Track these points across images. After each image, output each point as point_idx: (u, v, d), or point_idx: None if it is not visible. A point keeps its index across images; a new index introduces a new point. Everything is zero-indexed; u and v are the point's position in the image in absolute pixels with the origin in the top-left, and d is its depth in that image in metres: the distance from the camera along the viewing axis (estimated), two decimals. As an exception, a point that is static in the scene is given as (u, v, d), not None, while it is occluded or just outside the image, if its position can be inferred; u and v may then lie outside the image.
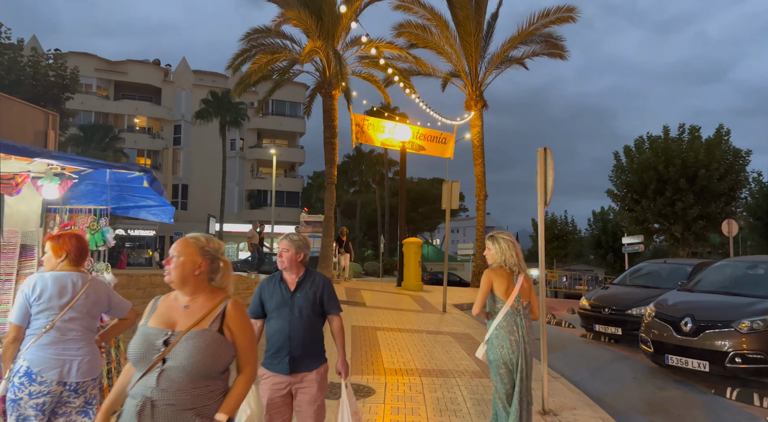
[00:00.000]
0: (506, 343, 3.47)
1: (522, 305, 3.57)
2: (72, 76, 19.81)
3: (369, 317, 9.86)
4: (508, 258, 3.58)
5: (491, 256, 3.66)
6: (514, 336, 3.48)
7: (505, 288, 3.54)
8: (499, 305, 3.53)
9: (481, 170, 18.33)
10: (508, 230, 21.09)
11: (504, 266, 3.59)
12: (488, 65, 18.56)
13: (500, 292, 3.53)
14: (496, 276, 3.56)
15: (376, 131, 15.75)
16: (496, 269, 3.60)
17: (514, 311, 3.54)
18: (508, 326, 3.49)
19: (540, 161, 5.37)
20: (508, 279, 3.56)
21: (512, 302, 3.51)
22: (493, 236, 3.69)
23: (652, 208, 26.34)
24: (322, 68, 15.09)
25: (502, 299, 3.53)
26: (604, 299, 9.31)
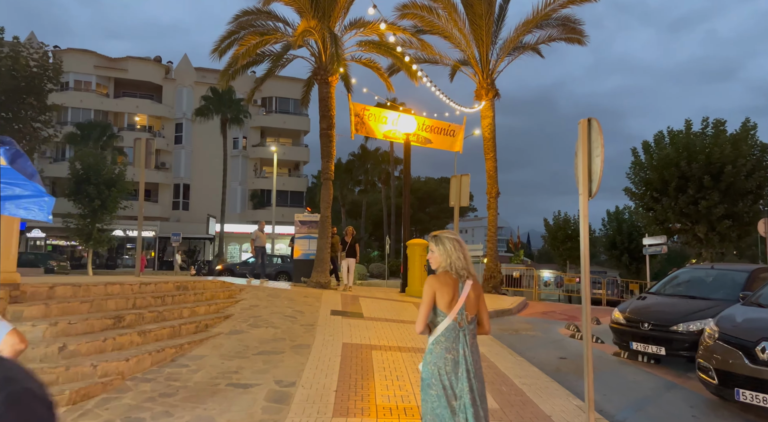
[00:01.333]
0: (441, 362, 2.97)
1: (467, 319, 3.04)
2: (55, 67, 18.61)
3: (365, 331, 8.49)
4: (454, 261, 3.10)
5: (435, 259, 3.17)
6: (451, 355, 2.98)
7: (450, 299, 3.02)
8: (440, 319, 3.03)
9: (492, 165, 16.89)
10: (519, 231, 19.07)
11: (450, 271, 3.10)
12: (500, 52, 17.11)
13: (443, 303, 3.02)
14: (440, 284, 3.04)
15: (378, 122, 14.37)
16: (440, 275, 3.11)
17: (456, 327, 3.01)
18: (446, 342, 2.99)
19: (582, 137, 3.98)
20: (453, 288, 3.05)
21: (454, 315, 3.00)
22: (436, 237, 3.21)
23: (673, 207, 24.83)
24: (318, 53, 13.74)
25: (443, 312, 3.02)
26: (642, 312, 7.88)
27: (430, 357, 3.01)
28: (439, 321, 3.02)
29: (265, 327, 8.31)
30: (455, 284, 3.06)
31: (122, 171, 32.14)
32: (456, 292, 3.05)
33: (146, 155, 10.26)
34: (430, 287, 3.04)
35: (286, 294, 11.44)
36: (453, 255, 3.10)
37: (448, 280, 3.06)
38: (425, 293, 3.05)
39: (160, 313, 7.40)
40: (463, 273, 3.10)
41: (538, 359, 8.02)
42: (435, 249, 3.18)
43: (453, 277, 3.08)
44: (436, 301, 3.02)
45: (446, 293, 3.02)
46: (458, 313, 3.01)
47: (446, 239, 3.17)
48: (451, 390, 2.94)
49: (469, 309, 3.06)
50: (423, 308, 3.03)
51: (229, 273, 26.67)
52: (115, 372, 5.42)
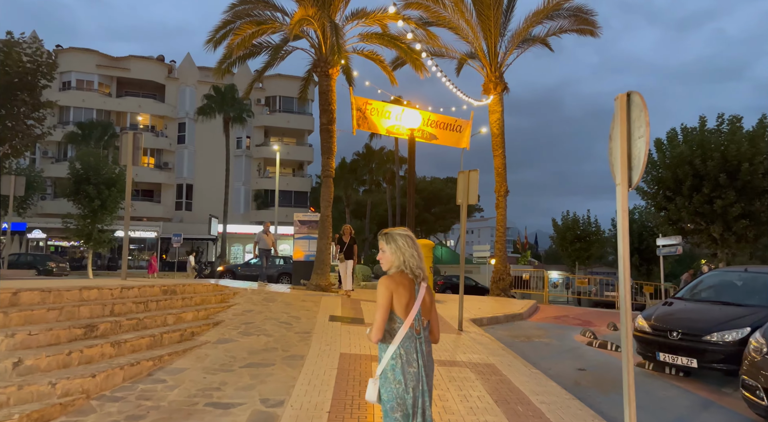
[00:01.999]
0: (403, 378, 2.66)
1: (422, 324, 2.77)
2: (48, 63, 18.05)
3: (364, 340, 7.81)
4: (408, 259, 2.78)
5: (387, 259, 2.83)
6: (413, 368, 2.68)
7: (406, 301, 2.71)
8: (397, 326, 2.70)
9: (501, 162, 16.17)
10: (526, 231, 17.82)
11: (406, 271, 2.77)
12: (509, 44, 16.40)
13: (399, 307, 2.70)
14: (396, 285, 2.72)
15: (381, 116, 13.68)
16: (395, 275, 2.76)
17: (413, 334, 2.72)
18: (407, 354, 2.68)
19: (620, 116, 3.30)
20: (409, 289, 2.74)
21: (411, 321, 2.69)
22: (387, 234, 2.86)
23: (687, 206, 24.00)
24: (318, 44, 13.08)
25: (400, 318, 2.69)
26: (670, 319, 7.17)
27: (392, 373, 2.65)
28: (396, 327, 2.68)
29: (256, 335, 7.66)
30: (411, 286, 2.74)
31: (122, 171, 31.64)
32: (412, 294, 2.73)
33: (134, 150, 9.64)
34: (386, 288, 2.69)
35: (283, 298, 10.79)
36: (406, 253, 2.78)
37: (404, 281, 2.74)
38: (381, 295, 2.68)
39: (140, 320, 6.76)
40: (419, 273, 2.79)
41: (555, 370, 7.33)
42: (386, 248, 2.82)
43: (409, 277, 2.76)
44: (392, 305, 2.68)
45: (403, 295, 2.69)
46: (415, 318, 2.70)
47: (397, 235, 2.83)
48: (410, 409, 2.64)
49: (424, 314, 2.77)
50: (380, 312, 2.66)
51: (230, 275, 26.10)
52: (79, 390, 4.77)
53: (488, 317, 11.25)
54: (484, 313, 11.82)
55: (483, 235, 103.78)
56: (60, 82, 44.05)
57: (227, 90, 37.97)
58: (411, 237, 2.85)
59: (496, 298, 15.80)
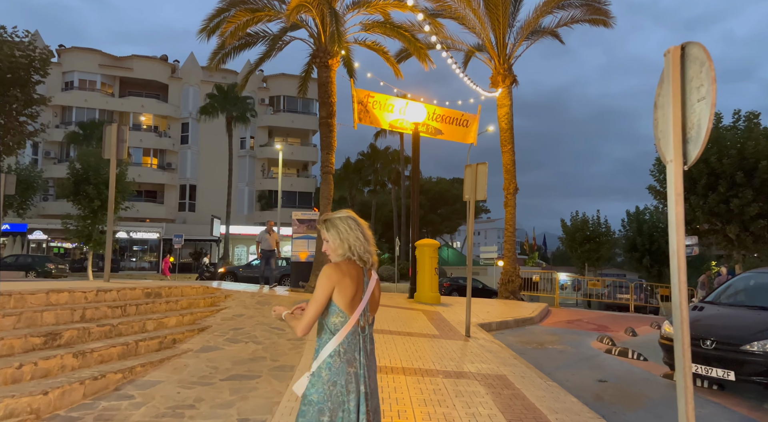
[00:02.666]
0: (341, 379, 2.28)
1: (368, 320, 2.42)
2: (42, 58, 17.50)
3: (364, 347, 7.13)
4: (353, 244, 2.39)
5: (330, 249, 2.44)
6: (353, 368, 2.31)
7: (352, 295, 2.32)
8: (338, 320, 2.31)
9: (510, 159, 15.45)
10: (534, 232, 16.88)
11: (353, 258, 2.38)
12: (518, 35, 15.70)
13: (344, 301, 2.31)
14: (341, 275, 2.32)
15: (383, 110, 13.02)
16: (341, 264, 2.37)
17: (357, 331, 2.35)
18: (348, 353, 2.31)
19: (671, 75, 2.61)
20: (357, 281, 2.36)
21: (357, 316, 2.33)
22: (327, 220, 2.47)
23: (702, 206, 23.26)
24: (317, 33, 12.44)
25: (345, 313, 2.31)
26: (701, 326, 6.45)
27: (327, 372, 2.29)
28: (338, 322, 2.32)
29: (244, 342, 7.00)
30: (360, 276, 2.39)
31: (123, 171, 31.13)
32: (360, 286, 2.38)
33: (118, 143, 9.02)
34: (327, 279, 2.32)
35: (278, 301, 10.13)
36: (350, 237, 2.41)
37: (352, 270, 2.38)
38: (320, 286, 2.31)
39: (114, 327, 6.12)
40: (367, 258, 2.43)
41: (573, 382, 6.62)
42: (327, 236, 2.46)
43: (357, 266, 2.40)
44: (333, 297, 2.32)
45: (349, 287, 2.33)
46: (361, 314, 2.38)
47: (337, 220, 2.47)
48: (345, 416, 2.29)
49: (372, 308, 2.46)
50: (314, 307, 2.30)
51: (232, 277, 25.50)
52: (26, 410, 4.12)
53: (497, 321, 10.55)
54: (493, 317, 11.12)
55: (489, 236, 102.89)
56: (62, 82, 43.76)
57: (230, 89, 37.44)
58: (353, 219, 2.47)
59: (504, 301, 15.07)
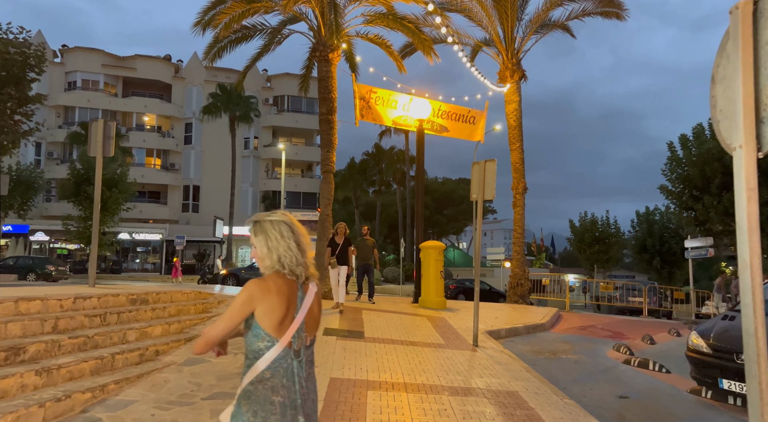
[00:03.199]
0: (265, 410, 1.91)
1: (305, 341, 2.01)
2: (37, 55, 17.07)
3: (363, 359, 6.60)
4: (283, 254, 2.01)
5: (256, 256, 2.07)
6: (280, 397, 1.93)
7: (282, 315, 1.94)
8: (264, 345, 1.93)
9: (518, 157, 14.87)
10: (542, 232, 15.68)
11: (282, 271, 2.00)
12: (526, 28, 15.13)
13: (271, 323, 1.93)
14: (267, 293, 1.94)
15: (386, 106, 12.48)
16: (268, 279, 1.99)
17: (289, 354, 1.97)
18: (273, 378, 1.93)
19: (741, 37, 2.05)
20: (288, 299, 1.97)
21: (288, 339, 1.95)
22: (256, 222, 2.09)
23: (716, 206, 22.54)
24: (317, 26, 11.93)
25: (272, 337, 1.93)
26: (734, 338, 5.85)
27: (246, 402, 1.94)
28: (263, 348, 1.96)
29: (233, 354, 6.45)
30: (292, 293, 2.03)
31: (124, 171, 30.81)
32: (293, 304, 2.02)
33: (104, 140, 8.52)
34: (248, 297, 1.95)
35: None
36: (280, 246, 2.05)
37: (282, 286, 2.01)
38: (237, 304, 1.94)
39: (89, 339, 5.60)
40: (300, 272, 2.06)
41: (591, 399, 6.06)
42: (254, 241, 2.11)
43: (288, 280, 2.03)
44: (257, 318, 1.96)
45: (277, 306, 1.97)
46: (294, 336, 2.00)
47: (267, 223, 2.10)
48: None
49: (309, 328, 2.07)
50: (222, 324, 1.95)
51: (234, 279, 25.06)
52: (-29, 439, 3.60)
53: (506, 328, 9.98)
54: (502, 323, 10.55)
55: (496, 237, 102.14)
56: (65, 82, 43.52)
57: (233, 89, 37.00)
58: (288, 224, 2.07)
59: (513, 305, 14.49)
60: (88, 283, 8.34)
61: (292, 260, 2.02)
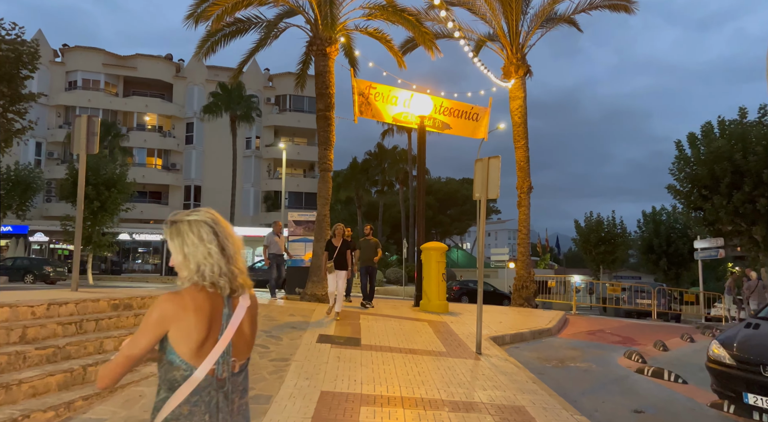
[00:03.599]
0: None
1: (232, 368, 1.65)
2: (30, 52, 16.71)
3: (358, 370, 6.15)
4: (202, 263, 1.63)
5: (175, 263, 1.69)
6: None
7: (201, 338, 1.59)
8: (179, 374, 1.58)
9: (523, 155, 14.40)
10: (547, 233, 14.88)
11: (202, 283, 1.63)
12: (531, 22, 14.66)
13: (187, 347, 1.58)
14: (183, 311, 1.58)
15: (386, 102, 12.04)
16: (185, 293, 1.62)
17: (213, 383, 1.60)
18: (193, 416, 1.58)
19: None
20: (209, 317, 1.61)
21: (210, 366, 1.59)
22: (172, 223, 1.70)
23: (725, 206, 22.00)
24: (314, 19, 11.51)
25: (188, 363, 1.58)
26: (761, 348, 5.39)
27: None
28: (179, 377, 1.58)
29: (219, 364, 6.02)
30: (215, 308, 1.63)
31: (123, 171, 30.46)
32: (216, 323, 1.62)
33: (89, 136, 8.11)
34: (160, 316, 1.57)
35: (268, 311, 9.17)
36: (198, 252, 1.64)
37: (201, 302, 1.61)
38: (145, 327, 1.58)
39: (60, 349, 5.18)
40: (224, 283, 1.64)
41: (604, 413, 5.60)
42: (169, 246, 1.69)
43: (210, 293, 1.63)
44: (171, 341, 1.58)
45: (194, 327, 1.58)
46: (218, 362, 1.60)
47: (184, 223, 1.68)
48: None
49: (238, 351, 1.67)
50: (128, 351, 1.58)
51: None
52: None
53: (511, 333, 9.52)
54: (507, 328, 10.09)
55: (500, 238, 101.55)
56: (66, 81, 43.24)
57: (234, 88, 36.64)
58: (211, 224, 1.69)
59: (518, 309, 14.02)
60: (71, 287, 7.92)
61: (214, 269, 1.64)
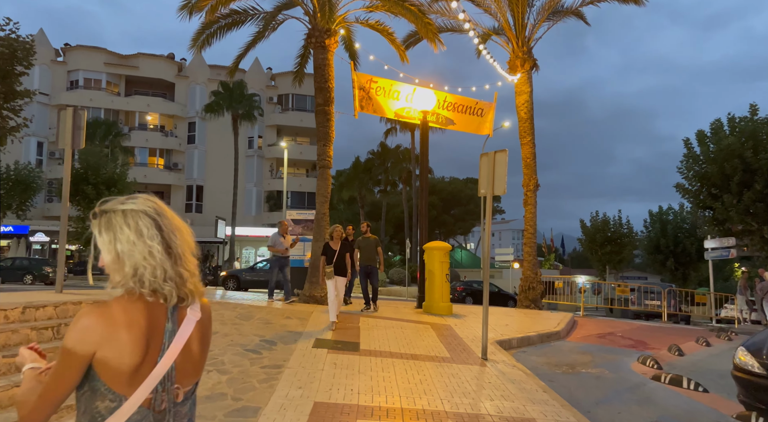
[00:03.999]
0: None
1: (175, 397, 1.28)
2: (25, 47, 16.37)
3: (356, 378, 5.73)
4: (140, 264, 1.25)
5: (104, 263, 1.30)
6: None
7: (136, 360, 1.20)
8: (106, 405, 1.21)
9: (530, 152, 13.96)
10: (552, 233, 14.17)
11: (140, 290, 1.25)
12: (538, 15, 14.23)
13: (117, 371, 1.19)
14: (110, 328, 1.20)
15: (388, 97, 11.63)
16: (113, 305, 1.23)
17: (150, 418, 1.24)
18: None
19: None
20: (146, 333, 1.23)
21: (147, 395, 1.22)
22: (102, 213, 1.31)
23: (736, 205, 21.52)
24: (313, 11, 11.12)
25: (116, 393, 1.20)
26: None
27: None
28: (102, 409, 1.20)
29: (206, 372, 5.62)
30: (153, 324, 1.24)
31: (123, 171, 30.17)
32: (155, 341, 1.24)
33: (74, 130, 7.73)
34: (81, 334, 1.18)
35: (263, 314, 8.76)
36: (137, 251, 1.24)
37: (136, 315, 1.22)
38: (67, 351, 1.19)
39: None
40: (169, 290, 1.26)
41: (621, 426, 5.16)
42: (98, 241, 1.29)
43: (149, 303, 1.25)
44: (96, 365, 1.19)
45: (128, 347, 1.20)
46: (155, 390, 1.23)
47: (117, 214, 1.27)
48: None
49: (184, 376, 1.30)
50: (50, 387, 1.21)
51: (234, 281, 24.13)
52: None
53: (518, 337, 9.09)
54: (513, 331, 9.66)
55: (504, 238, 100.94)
56: (67, 81, 43.02)
57: (236, 86, 36.32)
58: (151, 214, 1.29)
59: (525, 311, 13.58)
60: (55, 289, 7.53)
61: (156, 273, 1.25)
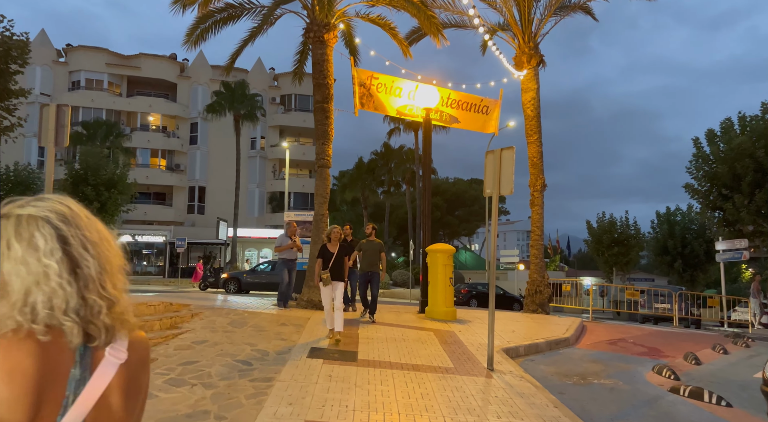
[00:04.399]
0: None
1: None
2: (20, 45, 16.04)
3: (351, 393, 5.30)
4: (32, 290, 0.85)
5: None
6: None
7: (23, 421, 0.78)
8: None
9: (536, 151, 13.52)
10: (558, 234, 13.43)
11: (29, 326, 0.83)
12: (545, 10, 13.80)
13: None
14: None
15: (390, 94, 11.22)
16: None
17: None
18: None
19: None
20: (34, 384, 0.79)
21: None
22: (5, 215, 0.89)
23: (747, 205, 21.02)
24: (311, 4, 10.73)
25: None
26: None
27: None
28: None
29: (190, 385, 5.21)
30: (51, 370, 0.82)
31: (124, 172, 29.85)
32: (54, 395, 0.82)
33: (58, 127, 7.35)
34: None
35: (257, 320, 8.35)
36: (29, 270, 0.85)
37: (21, 359, 0.79)
38: None
39: None
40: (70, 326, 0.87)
41: (641, 447, 4.72)
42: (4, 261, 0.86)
43: (41, 344, 0.82)
44: None
45: (4, 406, 0.76)
46: None
47: (10, 219, 0.87)
48: None
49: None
50: None
51: (235, 283, 23.71)
52: None
53: (526, 344, 8.64)
54: (520, 338, 9.21)
55: (509, 239, 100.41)
56: (69, 81, 42.81)
57: (237, 87, 36.01)
58: (52, 221, 0.89)
59: (532, 316, 13.12)
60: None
61: (53, 302, 0.87)
